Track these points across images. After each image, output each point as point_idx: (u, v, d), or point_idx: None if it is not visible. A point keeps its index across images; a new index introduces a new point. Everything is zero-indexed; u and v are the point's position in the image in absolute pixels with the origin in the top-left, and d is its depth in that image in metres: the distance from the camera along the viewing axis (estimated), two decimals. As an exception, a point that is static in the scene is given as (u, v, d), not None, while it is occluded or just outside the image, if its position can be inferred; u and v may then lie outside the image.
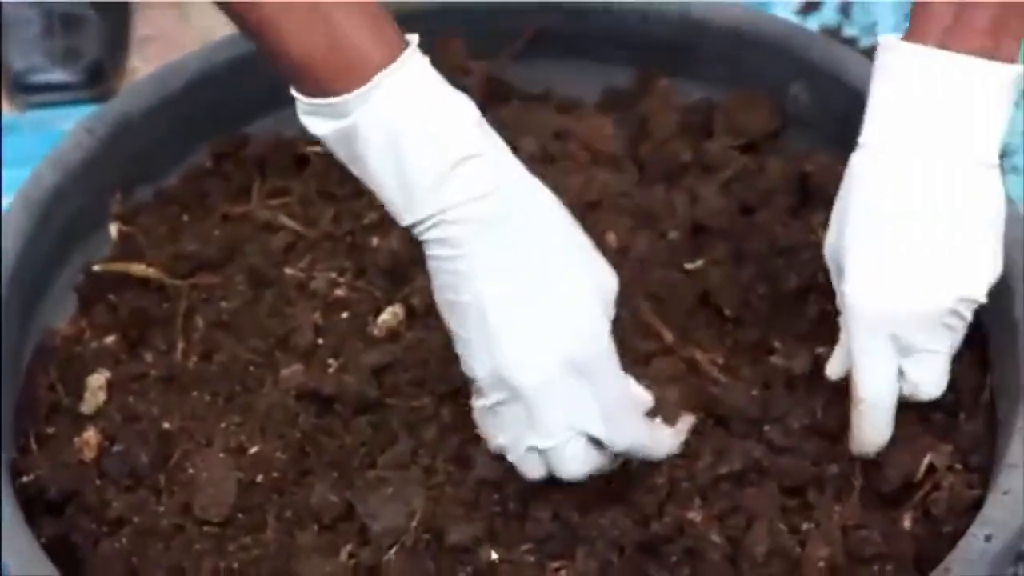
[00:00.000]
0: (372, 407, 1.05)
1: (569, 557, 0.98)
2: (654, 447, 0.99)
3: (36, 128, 1.47)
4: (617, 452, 0.96)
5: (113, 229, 1.18)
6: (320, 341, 1.09)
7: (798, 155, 1.19)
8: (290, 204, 1.18)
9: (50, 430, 1.08)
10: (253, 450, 1.04)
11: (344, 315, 1.10)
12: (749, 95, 1.22)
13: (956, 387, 1.06)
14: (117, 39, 1.54)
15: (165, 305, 1.13)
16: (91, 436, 1.06)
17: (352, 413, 1.05)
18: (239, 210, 1.17)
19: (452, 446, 1.03)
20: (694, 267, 1.13)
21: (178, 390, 1.08)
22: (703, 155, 1.20)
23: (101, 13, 1.53)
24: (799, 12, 1.55)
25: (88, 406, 1.09)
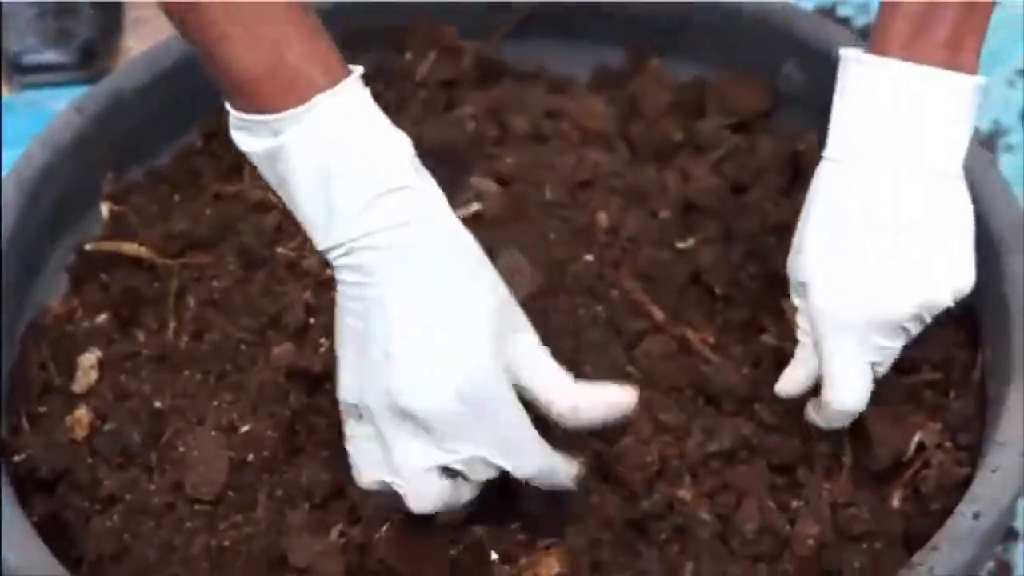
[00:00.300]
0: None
1: (559, 534, 0.98)
2: (558, 475, 0.94)
3: (30, 108, 1.47)
4: (523, 477, 0.93)
5: (105, 208, 1.18)
6: (311, 320, 1.09)
7: (790, 134, 1.19)
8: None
9: (42, 409, 1.08)
10: (244, 428, 1.04)
11: (335, 294, 1.10)
12: (741, 74, 1.22)
13: (946, 366, 1.07)
14: (110, 20, 1.54)
15: (156, 284, 1.13)
16: (83, 415, 1.06)
17: (342, 392, 1.05)
18: (231, 189, 1.17)
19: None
20: (685, 246, 1.13)
21: (170, 369, 1.08)
22: (694, 134, 1.20)
23: (95, -6, 1.53)
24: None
25: (80, 385, 1.09)
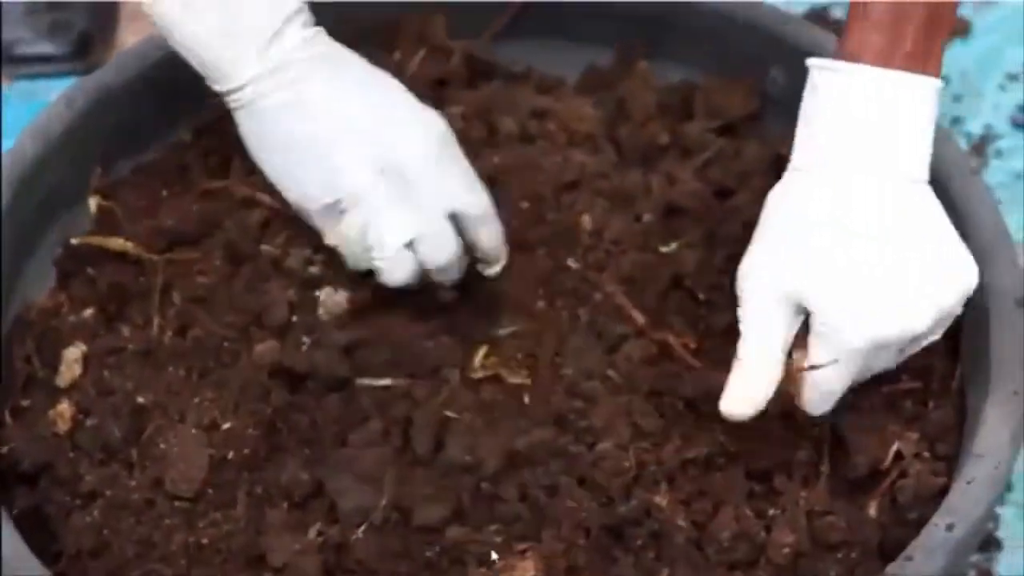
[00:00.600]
0: (344, 385, 1.06)
1: (536, 538, 0.98)
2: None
3: (23, 99, 1.47)
4: (475, 231, 1.06)
5: (92, 203, 1.18)
6: (294, 318, 1.09)
7: (776, 138, 1.19)
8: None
9: (25, 402, 1.08)
10: (226, 426, 1.04)
11: (318, 293, 1.11)
12: (729, 78, 1.22)
13: (926, 375, 1.07)
14: (106, 12, 1.54)
15: (142, 279, 1.13)
16: (65, 409, 1.06)
17: (324, 391, 1.06)
18: (217, 185, 1.17)
19: (424, 426, 1.03)
20: (668, 250, 1.13)
21: (153, 365, 1.08)
22: (681, 137, 1.21)
23: (90, -15, 1.53)
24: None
25: (63, 379, 1.09)
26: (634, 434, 1.03)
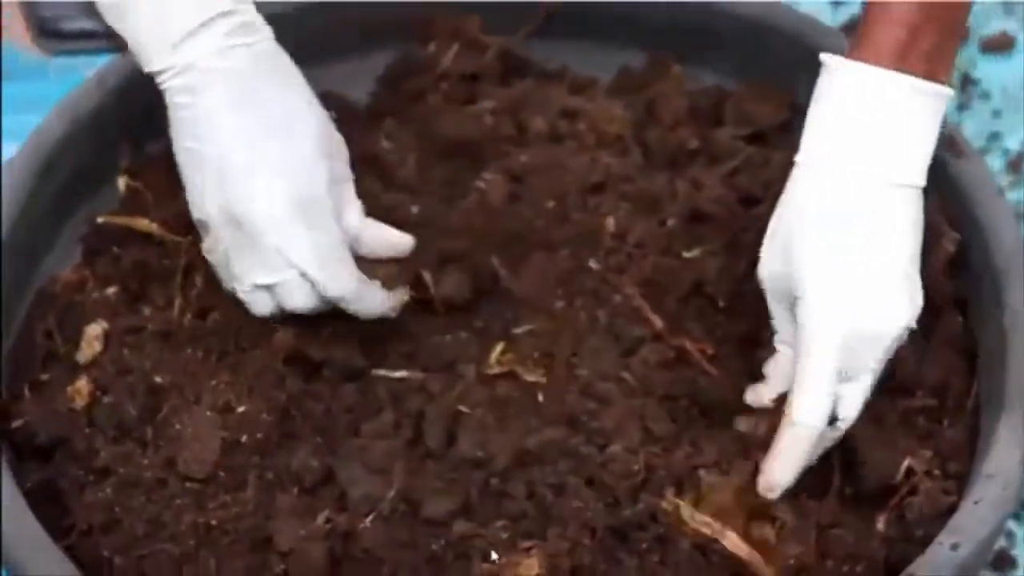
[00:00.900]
0: (359, 375, 1.06)
1: (541, 536, 0.98)
2: (366, 302, 1.05)
3: (61, 74, 1.47)
4: (330, 298, 1.04)
5: (121, 182, 1.18)
6: (315, 307, 1.10)
7: (804, 149, 1.19)
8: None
9: (44, 377, 1.09)
10: (240, 410, 1.04)
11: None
12: (760, 85, 1.22)
13: (942, 392, 1.06)
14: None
15: (166, 261, 1.13)
16: (83, 385, 1.07)
17: (339, 380, 1.06)
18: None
19: (436, 420, 1.03)
20: (691, 256, 1.13)
21: (172, 345, 1.09)
22: (710, 143, 1.21)
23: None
24: (830, 2, 1.55)
25: (83, 355, 1.09)
26: (645, 438, 1.03)
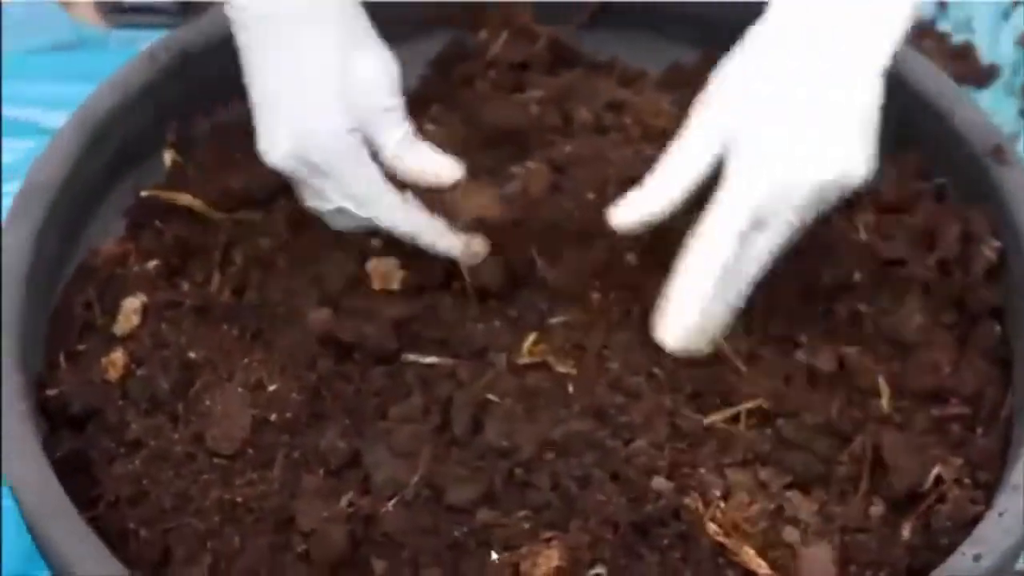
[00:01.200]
0: (390, 359, 1.07)
1: (563, 528, 0.98)
2: (428, 236, 1.07)
3: (121, 46, 1.49)
4: (388, 229, 1.06)
5: (167, 157, 1.19)
6: (350, 289, 1.10)
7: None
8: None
9: (81, 347, 1.10)
10: (271, 388, 1.05)
11: (375, 265, 1.11)
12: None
13: (976, 401, 1.05)
14: (212, -32, 1.56)
15: (207, 237, 1.14)
16: (119, 357, 1.08)
17: (370, 363, 1.06)
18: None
19: (464, 407, 1.03)
20: (730, 253, 1.12)
21: (208, 322, 1.10)
22: (756, 142, 1.19)
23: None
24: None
25: (121, 328, 1.10)
26: (672, 433, 1.03)
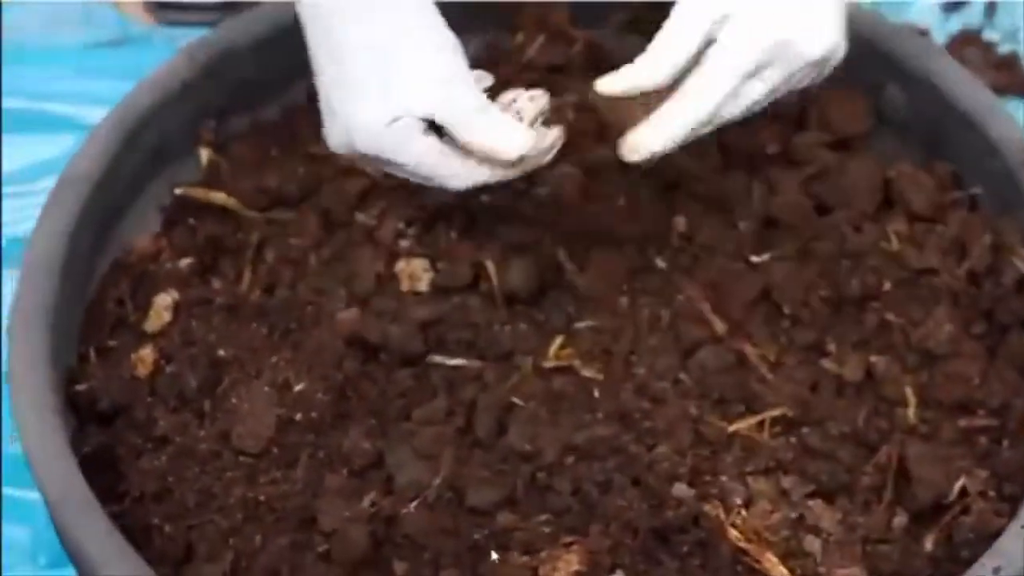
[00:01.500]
0: (416, 361, 1.07)
1: (583, 533, 0.98)
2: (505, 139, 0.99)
3: (165, 44, 1.49)
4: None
5: (203, 155, 1.20)
6: (378, 289, 1.10)
7: (884, 159, 1.17)
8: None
9: (111, 343, 1.10)
10: (297, 388, 1.05)
11: (404, 266, 1.11)
12: (845, 92, 1.20)
13: (1004, 413, 1.05)
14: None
15: (239, 235, 1.15)
16: (148, 354, 1.08)
17: (396, 364, 1.07)
18: (323, 150, 1.18)
19: (488, 410, 1.04)
20: (759, 260, 1.12)
21: (238, 320, 1.10)
22: (789, 148, 1.19)
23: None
24: (944, 10, 1.53)
25: (152, 324, 1.11)
26: (695, 440, 1.02)
